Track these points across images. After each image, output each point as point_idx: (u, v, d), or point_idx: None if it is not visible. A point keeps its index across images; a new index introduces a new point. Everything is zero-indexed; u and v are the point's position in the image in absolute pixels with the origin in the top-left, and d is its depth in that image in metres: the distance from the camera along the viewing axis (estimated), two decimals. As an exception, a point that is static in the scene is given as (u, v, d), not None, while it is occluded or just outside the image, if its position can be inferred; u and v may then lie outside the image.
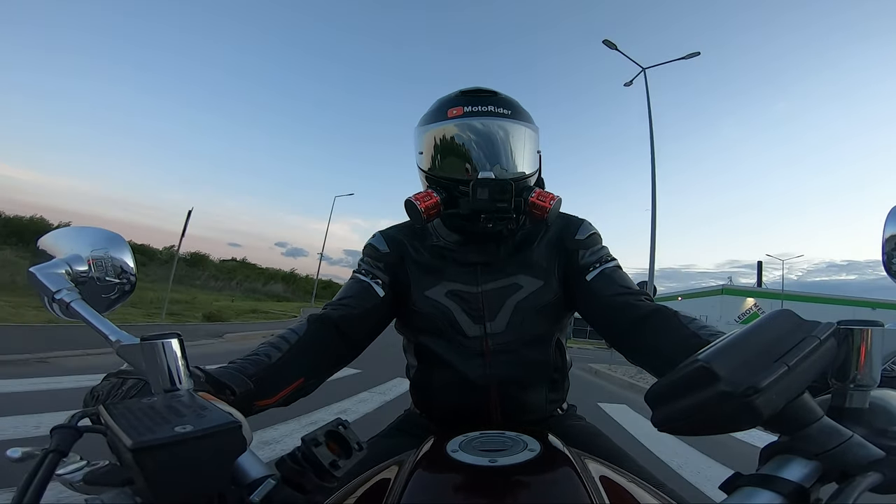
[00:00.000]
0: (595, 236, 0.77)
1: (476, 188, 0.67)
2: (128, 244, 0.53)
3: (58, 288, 0.45)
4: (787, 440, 0.33)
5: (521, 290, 0.73)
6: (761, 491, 0.31)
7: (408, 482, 0.40)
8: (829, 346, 0.30)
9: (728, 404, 0.27)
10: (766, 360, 0.27)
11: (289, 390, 0.61)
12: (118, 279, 0.51)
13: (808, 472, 0.31)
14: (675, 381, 0.30)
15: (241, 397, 0.50)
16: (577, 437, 0.69)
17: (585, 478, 0.40)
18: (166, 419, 0.28)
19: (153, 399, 0.33)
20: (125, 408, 0.30)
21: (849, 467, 0.30)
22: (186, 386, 0.39)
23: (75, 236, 0.50)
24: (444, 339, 0.73)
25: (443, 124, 0.73)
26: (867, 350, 0.33)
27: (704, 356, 0.28)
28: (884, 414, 0.34)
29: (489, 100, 0.73)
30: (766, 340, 0.29)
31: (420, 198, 0.70)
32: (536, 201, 0.69)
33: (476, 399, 0.72)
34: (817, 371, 0.29)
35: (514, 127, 0.72)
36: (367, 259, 0.79)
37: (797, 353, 0.28)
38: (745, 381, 0.26)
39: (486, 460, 0.41)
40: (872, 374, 0.33)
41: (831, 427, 0.31)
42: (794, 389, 0.28)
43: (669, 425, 0.31)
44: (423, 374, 0.78)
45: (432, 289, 0.75)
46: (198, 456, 0.27)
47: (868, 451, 0.31)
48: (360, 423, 3.14)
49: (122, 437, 0.26)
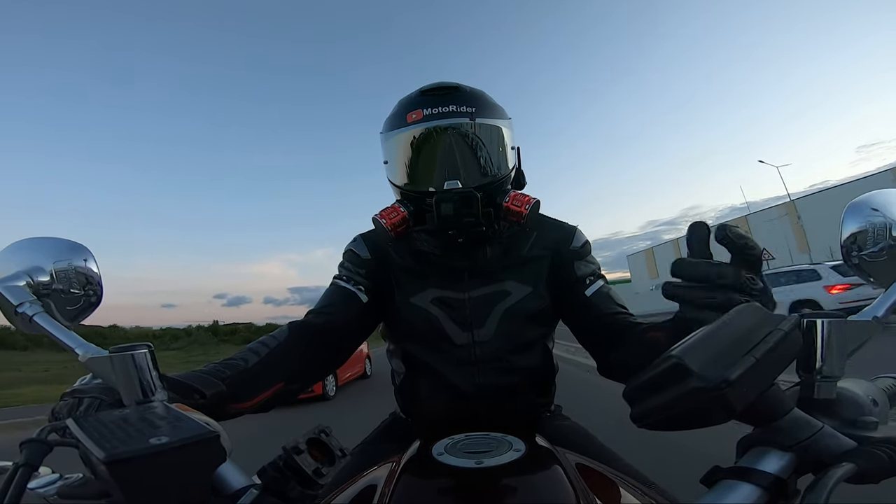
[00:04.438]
0: (587, 245, 0.77)
1: (440, 203, 0.63)
2: (92, 254, 0.51)
3: (19, 301, 0.43)
4: (761, 432, 0.34)
5: (510, 296, 0.72)
6: (741, 484, 0.32)
7: (395, 487, 0.40)
8: (794, 338, 0.31)
9: (702, 398, 0.27)
10: (736, 354, 0.28)
11: (267, 394, 0.59)
12: (83, 291, 0.50)
13: (785, 464, 0.32)
14: (650, 378, 0.30)
15: (213, 400, 0.49)
16: (563, 436, 0.69)
17: (572, 476, 0.40)
18: (141, 431, 0.28)
19: (125, 411, 0.32)
20: (97, 420, 0.29)
21: (823, 458, 0.31)
22: (160, 397, 0.38)
23: (37, 247, 0.48)
24: (431, 347, 0.72)
25: (402, 132, 0.69)
26: (830, 341, 0.34)
27: (678, 351, 0.29)
28: (851, 404, 0.35)
29: (450, 98, 0.68)
30: (736, 334, 0.29)
31: (386, 214, 0.67)
32: (511, 207, 0.65)
33: (464, 406, 0.71)
34: (785, 363, 0.30)
35: (478, 127, 0.68)
36: (347, 265, 0.77)
37: (764, 345, 0.28)
38: (716, 375, 0.27)
39: (472, 462, 0.41)
40: (838, 365, 0.34)
41: (802, 418, 0.32)
42: (764, 381, 0.29)
43: (647, 421, 0.31)
44: (409, 380, 0.77)
45: (417, 295, 0.73)
46: (176, 467, 0.27)
47: (839, 441, 0.32)
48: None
49: (94, 450, 0.26)
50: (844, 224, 0.46)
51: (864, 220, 0.44)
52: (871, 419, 0.34)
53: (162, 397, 0.39)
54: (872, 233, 0.44)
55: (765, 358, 0.28)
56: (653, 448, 1.79)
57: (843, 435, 0.32)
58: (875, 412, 0.35)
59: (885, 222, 0.43)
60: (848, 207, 0.46)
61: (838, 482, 0.29)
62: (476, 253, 0.72)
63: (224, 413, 0.53)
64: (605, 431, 0.76)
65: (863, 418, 0.34)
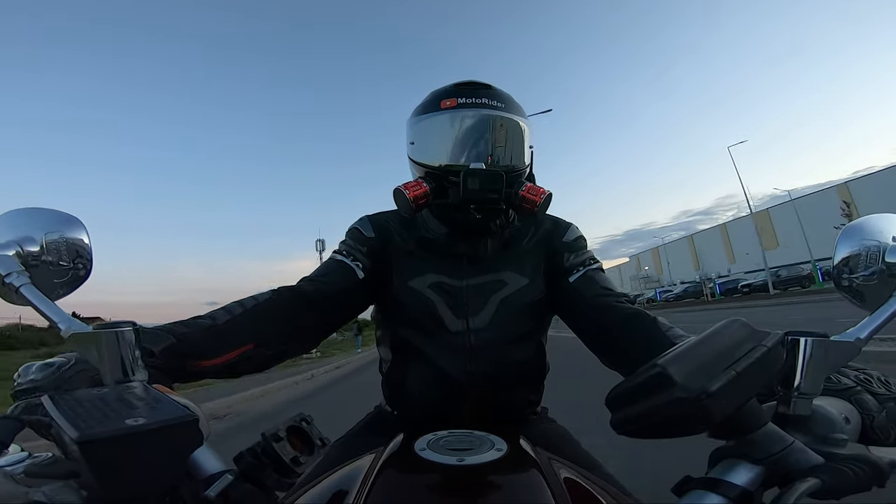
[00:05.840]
0: (581, 240, 0.78)
1: (467, 178, 0.66)
2: (85, 227, 0.50)
3: (7, 271, 0.42)
4: (734, 444, 0.35)
5: (507, 286, 0.73)
6: (710, 494, 0.33)
7: (374, 480, 0.40)
8: (776, 355, 0.31)
9: (682, 408, 0.28)
10: (718, 367, 0.29)
11: (233, 354, 0.57)
12: (72, 264, 0.48)
13: (753, 477, 0.33)
14: (634, 385, 0.31)
15: (166, 355, 0.47)
16: (546, 439, 0.69)
17: (550, 479, 0.40)
18: (117, 411, 0.27)
19: (104, 390, 0.32)
20: (73, 398, 0.29)
21: (791, 472, 0.32)
22: (140, 377, 0.38)
23: (29, 218, 0.47)
24: (425, 333, 0.72)
25: (436, 115, 0.73)
26: (811, 360, 0.35)
27: (663, 361, 0.29)
28: (825, 421, 0.36)
29: (483, 92, 0.72)
30: (720, 348, 0.30)
31: (409, 186, 0.69)
32: (527, 195, 0.69)
33: (452, 396, 0.70)
34: (764, 378, 0.31)
35: (506, 120, 0.72)
36: (349, 241, 0.77)
37: (746, 360, 0.29)
38: (697, 386, 0.27)
39: (453, 459, 0.42)
40: (815, 383, 0.35)
41: (775, 433, 0.33)
42: (742, 395, 0.30)
43: (626, 428, 0.32)
44: (397, 368, 0.76)
45: (416, 279, 0.73)
46: (150, 449, 0.26)
47: (808, 456, 0.33)
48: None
49: (67, 429, 0.25)
50: (838, 247, 0.46)
51: (858, 244, 0.45)
52: (842, 436, 0.35)
53: (142, 377, 0.38)
54: (865, 257, 0.44)
55: (745, 372, 0.29)
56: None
57: (813, 451, 0.33)
58: (846, 430, 0.36)
59: (878, 247, 0.44)
60: (843, 231, 0.47)
61: (802, 496, 0.29)
62: (477, 242, 0.74)
63: (183, 372, 0.51)
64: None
65: (833, 435, 0.35)
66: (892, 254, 0.42)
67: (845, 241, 0.46)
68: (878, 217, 0.46)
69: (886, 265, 0.42)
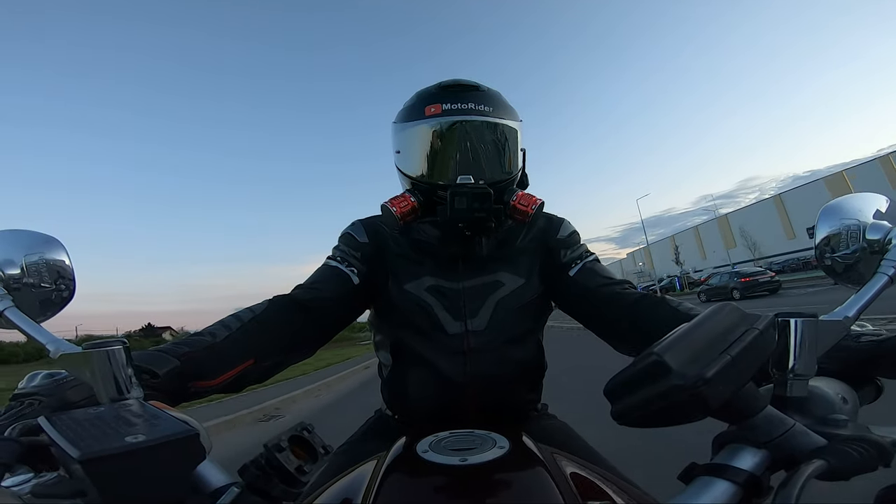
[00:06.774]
0: (575, 235, 0.79)
1: (454, 197, 0.65)
2: (65, 247, 0.50)
3: None
4: (736, 429, 0.35)
5: (503, 287, 0.73)
6: (717, 480, 0.33)
7: (379, 484, 0.40)
8: (769, 337, 0.32)
9: (679, 395, 0.28)
10: (713, 352, 0.29)
11: (235, 372, 0.56)
12: (55, 285, 0.48)
13: (759, 461, 0.33)
14: (631, 375, 0.31)
15: (169, 379, 0.47)
16: (548, 435, 0.70)
17: (555, 474, 0.40)
18: (116, 429, 0.27)
19: (100, 409, 0.32)
20: (70, 418, 0.29)
21: (795, 455, 0.33)
22: (135, 394, 0.38)
23: (7, 240, 0.47)
24: (423, 336, 0.72)
25: (419, 124, 0.70)
26: (803, 340, 0.35)
27: (658, 349, 0.30)
28: (823, 402, 0.36)
29: (469, 96, 0.70)
30: (713, 333, 0.30)
31: (396, 202, 0.69)
32: (518, 206, 0.68)
33: (453, 398, 0.70)
34: (759, 361, 0.31)
35: (494, 126, 0.70)
36: (343, 247, 0.77)
37: (740, 344, 0.29)
38: (694, 373, 0.28)
39: (456, 459, 0.42)
40: (809, 364, 0.35)
41: (775, 416, 0.33)
42: (739, 379, 0.30)
43: (627, 418, 0.32)
44: (397, 372, 0.76)
45: (412, 283, 0.73)
46: (152, 466, 0.26)
47: (811, 438, 0.33)
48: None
49: (68, 448, 0.25)
50: (819, 227, 0.47)
51: (838, 224, 0.46)
52: (842, 417, 0.35)
53: (138, 394, 0.38)
54: (846, 235, 0.45)
55: (740, 356, 0.29)
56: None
57: (814, 432, 0.33)
58: (845, 410, 0.36)
59: (858, 225, 0.44)
60: (822, 211, 0.47)
61: (809, 478, 0.30)
62: (472, 243, 0.73)
63: (185, 393, 0.51)
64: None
65: (833, 416, 0.35)
66: (873, 231, 0.43)
67: (825, 222, 0.47)
68: (854, 196, 0.46)
69: (868, 242, 0.43)
